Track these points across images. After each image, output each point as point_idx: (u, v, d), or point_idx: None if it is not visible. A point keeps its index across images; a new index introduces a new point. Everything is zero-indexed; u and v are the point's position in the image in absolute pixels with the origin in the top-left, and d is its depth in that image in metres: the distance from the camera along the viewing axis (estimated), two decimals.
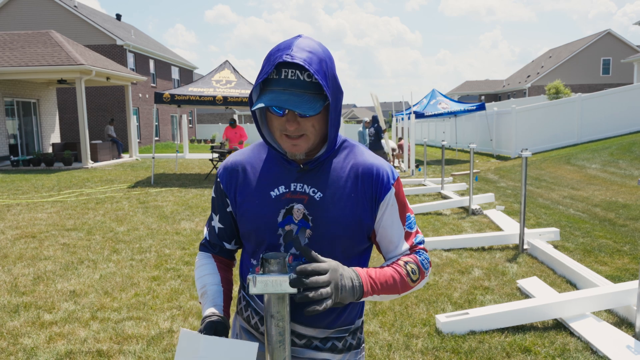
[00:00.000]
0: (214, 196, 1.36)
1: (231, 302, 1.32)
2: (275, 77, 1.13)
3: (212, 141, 34.81)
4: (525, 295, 4.31)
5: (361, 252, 1.30)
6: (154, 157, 13.29)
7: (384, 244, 1.28)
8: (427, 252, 1.31)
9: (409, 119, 15.39)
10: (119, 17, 32.94)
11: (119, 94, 25.94)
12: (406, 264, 1.24)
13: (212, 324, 1.17)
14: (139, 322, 3.81)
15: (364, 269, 1.18)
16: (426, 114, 19.03)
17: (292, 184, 1.24)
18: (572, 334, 3.51)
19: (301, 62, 1.09)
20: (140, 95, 28.16)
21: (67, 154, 16.84)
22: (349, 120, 77.72)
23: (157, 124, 30.28)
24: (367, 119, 14.46)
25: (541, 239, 5.78)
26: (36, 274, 5.00)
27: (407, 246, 1.27)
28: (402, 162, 16.82)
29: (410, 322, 3.78)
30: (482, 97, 50.04)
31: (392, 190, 1.26)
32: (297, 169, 1.25)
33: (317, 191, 1.23)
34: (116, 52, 25.82)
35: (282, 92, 1.12)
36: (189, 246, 6.10)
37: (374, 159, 1.28)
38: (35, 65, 15.93)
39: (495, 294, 4.34)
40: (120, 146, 20.02)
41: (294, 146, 1.18)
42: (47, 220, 7.72)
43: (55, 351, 3.33)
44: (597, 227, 6.88)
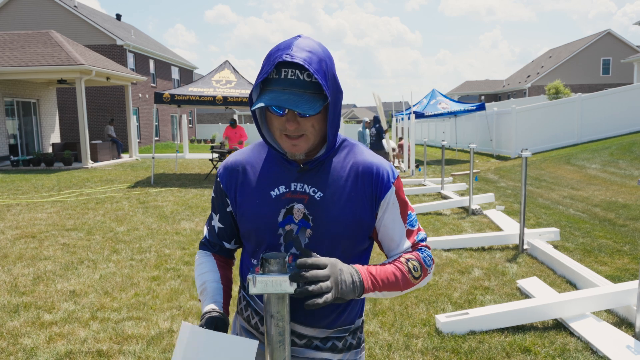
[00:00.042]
0: (214, 196, 1.36)
1: (230, 300, 1.31)
2: (275, 76, 1.13)
3: (212, 141, 34.81)
4: (525, 295, 4.30)
5: (361, 252, 1.30)
6: (154, 157, 13.29)
7: (386, 242, 1.28)
8: (429, 250, 1.31)
9: (409, 119, 15.39)
10: (119, 17, 32.95)
11: (119, 94, 25.94)
12: (408, 260, 1.23)
13: (213, 320, 1.17)
14: (138, 322, 3.81)
15: (364, 266, 1.18)
16: (426, 114, 19.03)
17: (292, 184, 1.24)
18: (572, 334, 3.51)
19: (301, 62, 1.09)
20: (140, 95, 28.16)
21: (67, 154, 16.85)
22: (349, 120, 77.65)
23: (157, 124, 30.28)
24: (367, 119, 14.48)
25: (541, 239, 5.77)
26: (36, 274, 5.00)
27: (409, 244, 1.27)
28: (402, 162, 16.81)
29: (410, 322, 3.78)
30: (482, 97, 50.04)
31: (393, 188, 1.26)
32: (297, 169, 1.25)
33: (317, 191, 1.23)
34: (116, 52, 25.83)
35: (282, 92, 1.12)
36: (188, 246, 6.10)
37: (373, 158, 1.28)
38: (35, 65, 15.94)
39: (495, 294, 4.34)
40: (120, 146, 20.02)
41: (293, 146, 1.18)
42: (47, 220, 7.72)
43: (55, 351, 3.33)
44: (597, 227, 6.88)
